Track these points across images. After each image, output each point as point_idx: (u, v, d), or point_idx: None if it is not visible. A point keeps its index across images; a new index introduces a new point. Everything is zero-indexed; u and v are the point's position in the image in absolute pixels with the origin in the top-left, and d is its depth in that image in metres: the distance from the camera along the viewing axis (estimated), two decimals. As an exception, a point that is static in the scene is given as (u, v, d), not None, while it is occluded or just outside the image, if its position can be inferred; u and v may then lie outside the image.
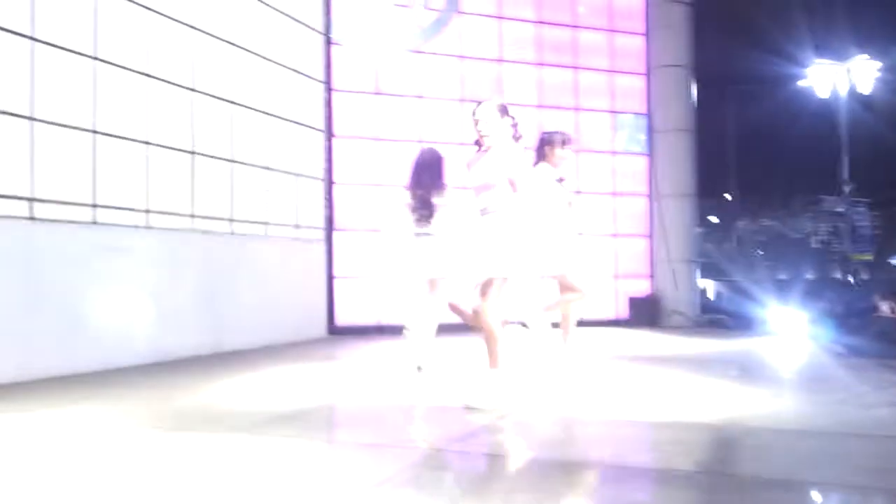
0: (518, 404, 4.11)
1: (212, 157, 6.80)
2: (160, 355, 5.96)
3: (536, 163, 5.22)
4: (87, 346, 5.43)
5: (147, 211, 6.07)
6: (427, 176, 5.21)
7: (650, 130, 10.81)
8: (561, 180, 5.20)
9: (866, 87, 16.71)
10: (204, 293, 6.63)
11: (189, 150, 6.54)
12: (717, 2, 13.24)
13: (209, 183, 6.75)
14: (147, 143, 6.09)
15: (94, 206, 5.60)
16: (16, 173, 5.01)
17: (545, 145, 5.23)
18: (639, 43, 10.87)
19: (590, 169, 10.18)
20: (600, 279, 9.84)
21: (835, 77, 16.81)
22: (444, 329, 5.44)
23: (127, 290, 5.85)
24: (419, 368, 5.22)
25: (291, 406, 4.14)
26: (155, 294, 6.07)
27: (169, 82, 6.33)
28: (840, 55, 16.75)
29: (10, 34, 4.98)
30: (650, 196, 10.77)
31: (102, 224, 5.65)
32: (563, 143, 5.22)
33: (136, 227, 5.97)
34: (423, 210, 5.17)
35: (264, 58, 7.56)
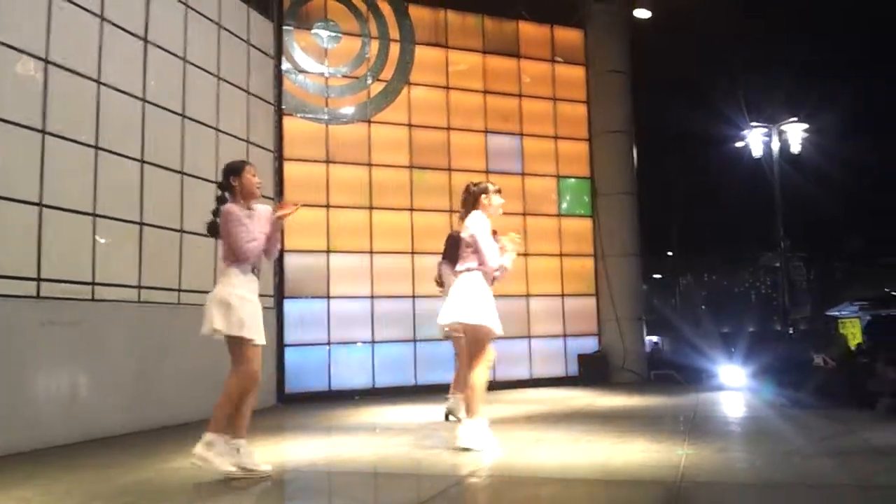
0: (479, 464, 4.12)
1: (161, 227, 6.77)
2: (102, 431, 5.79)
3: (469, 213, 4.99)
4: (26, 424, 5.26)
5: (93, 283, 5.98)
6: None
7: (594, 193, 11.15)
8: (495, 233, 4.96)
9: (796, 147, 17.55)
10: (146, 366, 6.46)
11: (137, 220, 6.51)
12: (656, 70, 13.97)
13: (156, 253, 6.70)
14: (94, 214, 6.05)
15: (39, 279, 5.50)
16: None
17: (480, 194, 5.00)
18: (581, 110, 11.31)
19: (536, 231, 10.41)
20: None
21: (768, 138, 17.62)
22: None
23: (68, 365, 5.71)
24: (447, 417, 6.14)
25: (237, 479, 4.04)
26: (95, 368, 5.93)
27: (117, 154, 6.32)
28: (772, 118, 17.57)
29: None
30: (595, 256, 11.05)
31: (46, 298, 5.54)
32: (499, 190, 5.06)
33: (82, 299, 5.86)
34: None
35: (206, 125, 7.63)
